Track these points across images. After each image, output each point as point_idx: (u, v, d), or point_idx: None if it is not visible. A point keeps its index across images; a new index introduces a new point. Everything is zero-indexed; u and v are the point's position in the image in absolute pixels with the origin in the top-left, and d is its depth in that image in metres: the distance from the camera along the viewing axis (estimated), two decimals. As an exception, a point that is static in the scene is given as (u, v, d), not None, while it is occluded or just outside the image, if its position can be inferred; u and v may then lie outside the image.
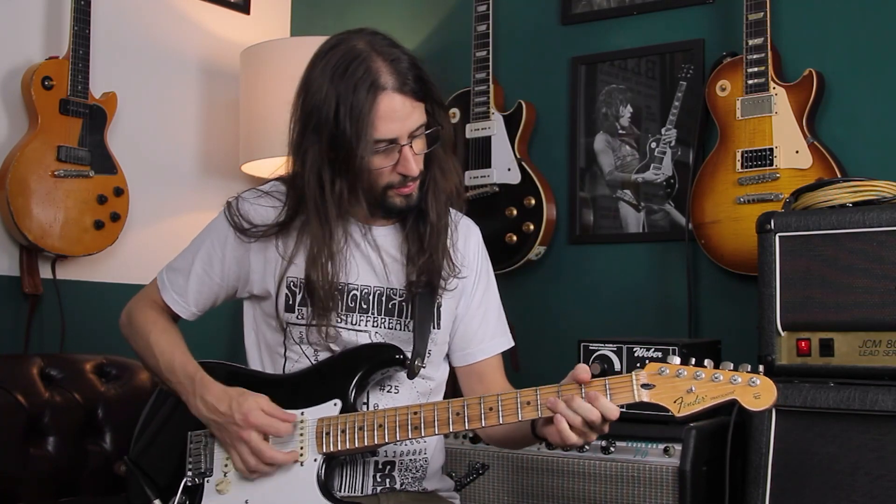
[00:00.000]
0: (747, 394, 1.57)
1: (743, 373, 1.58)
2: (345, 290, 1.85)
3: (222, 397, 1.77)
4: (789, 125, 2.66)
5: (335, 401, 1.77)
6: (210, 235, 1.93)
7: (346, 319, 1.85)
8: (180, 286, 1.93)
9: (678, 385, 1.59)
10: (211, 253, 1.92)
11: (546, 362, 3.07)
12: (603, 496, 2.36)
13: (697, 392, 1.58)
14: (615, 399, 1.61)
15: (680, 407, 1.59)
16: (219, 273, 1.92)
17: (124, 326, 1.99)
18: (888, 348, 2.12)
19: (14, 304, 2.91)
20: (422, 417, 1.70)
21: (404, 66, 1.77)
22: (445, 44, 3.43)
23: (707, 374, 1.59)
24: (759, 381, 1.57)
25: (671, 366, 1.60)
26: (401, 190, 1.80)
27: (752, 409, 1.58)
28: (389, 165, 1.78)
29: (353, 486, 1.83)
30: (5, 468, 2.42)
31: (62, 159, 2.86)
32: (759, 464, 2.19)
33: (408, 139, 1.76)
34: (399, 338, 1.87)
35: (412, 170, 1.77)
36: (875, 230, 2.15)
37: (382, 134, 1.74)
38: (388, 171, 1.78)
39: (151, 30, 3.32)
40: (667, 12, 3.04)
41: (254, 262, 1.88)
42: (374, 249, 1.87)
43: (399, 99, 1.75)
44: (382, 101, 1.73)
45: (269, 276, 1.86)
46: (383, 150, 1.76)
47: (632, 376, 1.62)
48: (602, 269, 3.11)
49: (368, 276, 1.87)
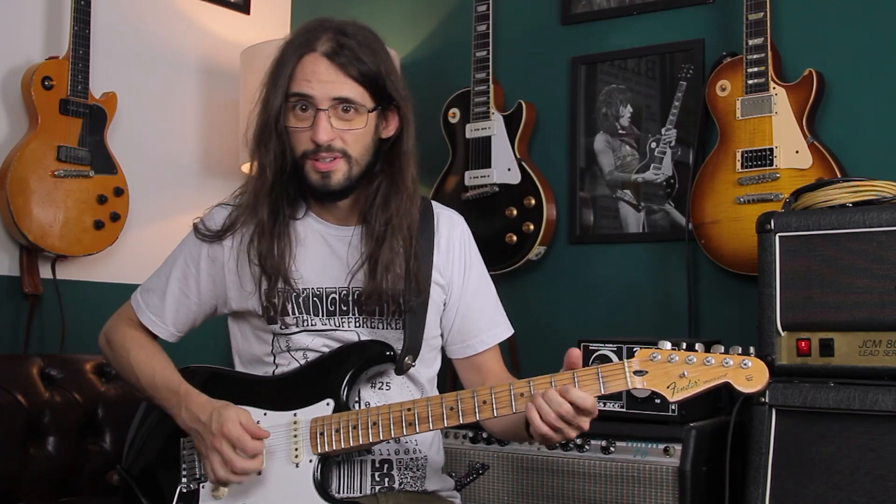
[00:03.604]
0: (739, 376, 1.58)
1: (734, 355, 1.59)
2: (323, 294, 1.85)
3: (205, 407, 1.77)
4: (789, 125, 2.66)
5: (328, 400, 1.77)
6: (182, 255, 1.93)
7: (329, 322, 1.85)
8: (156, 307, 1.93)
9: (670, 370, 1.59)
10: (186, 272, 1.92)
11: (546, 362, 3.04)
12: (603, 496, 2.36)
13: (690, 376, 1.59)
14: (608, 387, 1.61)
15: (673, 392, 1.59)
16: (195, 292, 1.92)
17: (104, 349, 1.99)
18: (888, 348, 2.12)
19: (14, 304, 2.91)
20: (415, 413, 1.70)
21: (344, 39, 1.78)
22: (445, 44, 3.43)
23: (699, 358, 1.59)
24: (751, 363, 1.58)
25: (662, 351, 1.61)
26: (316, 162, 1.78)
27: (745, 390, 1.58)
28: (304, 128, 1.77)
29: (352, 487, 1.82)
30: (5, 468, 2.42)
31: (62, 159, 2.86)
32: (759, 464, 2.19)
33: (327, 105, 1.76)
34: (387, 336, 1.86)
35: (319, 134, 1.75)
36: (875, 230, 2.15)
37: (297, 88, 1.76)
38: (304, 136, 1.78)
39: (151, 30, 3.32)
40: (667, 12, 3.04)
41: (229, 279, 1.89)
42: (344, 248, 1.86)
43: (325, 63, 1.76)
44: (307, 58, 1.77)
45: (245, 290, 1.86)
46: (299, 108, 1.77)
47: (623, 363, 1.61)
48: (602, 269, 3.11)
49: (344, 278, 1.85)
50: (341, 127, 1.78)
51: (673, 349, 1.61)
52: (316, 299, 1.84)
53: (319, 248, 1.88)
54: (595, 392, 1.62)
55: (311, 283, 1.85)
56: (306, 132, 1.77)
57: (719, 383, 1.58)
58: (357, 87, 1.78)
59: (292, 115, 1.79)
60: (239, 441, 1.71)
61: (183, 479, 1.81)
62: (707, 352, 1.60)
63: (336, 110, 1.77)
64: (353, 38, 1.79)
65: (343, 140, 1.78)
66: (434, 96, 3.27)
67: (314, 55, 1.77)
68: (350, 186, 1.82)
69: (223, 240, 1.89)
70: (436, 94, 3.27)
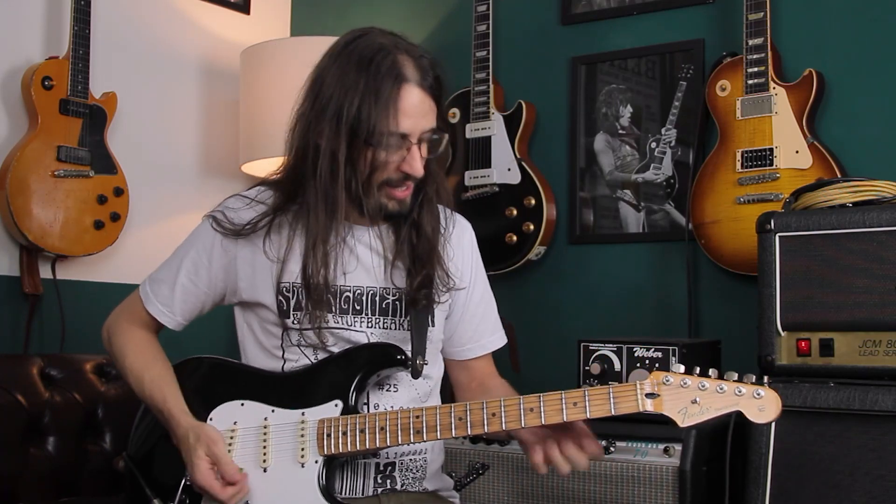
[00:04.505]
0: (752, 406, 1.57)
1: (748, 384, 1.57)
2: (338, 291, 1.84)
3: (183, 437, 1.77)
4: (789, 125, 2.66)
5: (336, 402, 1.77)
6: (195, 245, 1.92)
7: (342, 321, 1.84)
8: (165, 296, 1.92)
9: (682, 395, 1.58)
10: (197, 262, 1.91)
11: (546, 362, 3.07)
12: (603, 496, 2.36)
13: (702, 403, 1.58)
14: (619, 408, 1.61)
15: (684, 418, 1.58)
16: (205, 282, 1.91)
17: (105, 343, 1.99)
18: (888, 348, 2.12)
19: (14, 304, 2.91)
20: (423, 422, 1.70)
21: (426, 62, 1.78)
22: (445, 44, 3.43)
23: (711, 385, 1.58)
24: (764, 394, 1.57)
25: (676, 374, 1.60)
26: (396, 191, 1.78)
27: (756, 421, 1.57)
28: (396, 161, 1.76)
29: (354, 488, 1.82)
30: (5, 468, 2.42)
31: (62, 159, 2.86)
32: (759, 464, 2.19)
33: (418, 138, 1.76)
34: (395, 337, 1.86)
35: (418, 169, 1.76)
36: (875, 230, 2.15)
37: (401, 127, 1.73)
38: (392, 167, 1.76)
39: (151, 30, 3.32)
40: (667, 12, 3.04)
41: (241, 269, 1.88)
42: (365, 249, 1.87)
43: (419, 94, 1.75)
44: (405, 92, 1.73)
45: (259, 283, 1.85)
46: (395, 145, 1.75)
47: (636, 385, 1.61)
48: (602, 269, 3.11)
49: (361, 277, 1.86)
50: (427, 156, 1.79)
51: (686, 374, 1.60)
52: (330, 296, 1.83)
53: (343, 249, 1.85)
54: (606, 412, 1.62)
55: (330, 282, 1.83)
56: (395, 163, 1.76)
57: (731, 412, 1.58)
58: (436, 109, 1.79)
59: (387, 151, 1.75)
60: (211, 490, 1.72)
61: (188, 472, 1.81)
62: (721, 378, 1.59)
63: (424, 143, 1.78)
64: (440, 68, 1.81)
65: (426, 169, 1.80)
66: (434, 96, 3.26)
67: (411, 86, 1.74)
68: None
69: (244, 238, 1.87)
70: (436, 94, 3.27)
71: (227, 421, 1.80)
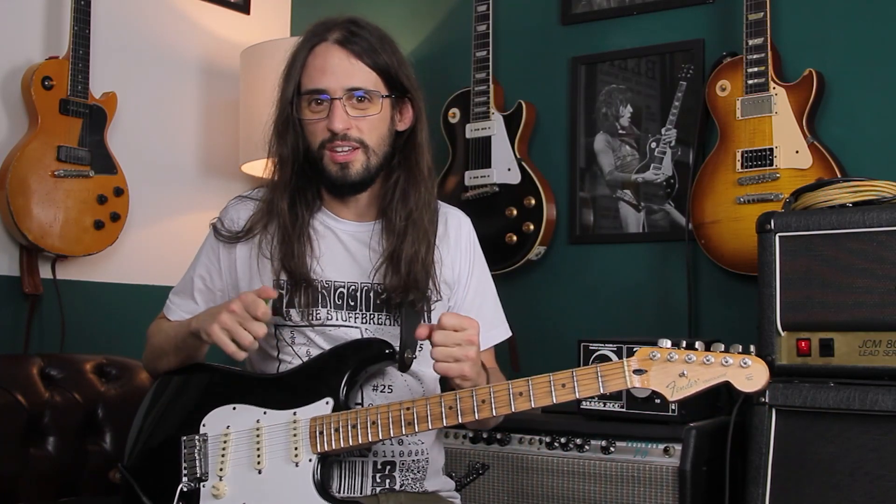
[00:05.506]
0: (739, 375, 1.57)
1: (734, 354, 1.58)
2: (331, 287, 1.85)
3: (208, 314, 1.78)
4: (789, 125, 2.66)
5: (327, 399, 1.76)
6: (204, 251, 1.98)
7: (336, 317, 1.85)
8: (185, 304, 1.97)
9: (670, 369, 1.59)
10: (209, 266, 1.95)
11: (546, 362, 3.05)
12: (603, 496, 2.36)
13: (689, 375, 1.58)
14: (608, 386, 1.61)
15: (673, 391, 1.59)
16: (219, 284, 1.95)
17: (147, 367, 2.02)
18: (888, 348, 2.12)
19: (14, 304, 2.91)
20: (414, 413, 1.69)
21: (362, 31, 1.81)
22: (445, 44, 3.43)
23: (698, 357, 1.59)
24: (751, 362, 1.57)
25: (662, 349, 1.60)
26: (333, 153, 1.80)
27: (744, 389, 1.57)
28: (320, 119, 1.79)
29: (353, 487, 1.82)
30: (5, 468, 2.42)
31: (62, 159, 2.86)
32: (759, 464, 2.20)
33: (341, 95, 1.78)
34: (389, 333, 1.86)
35: (335, 122, 1.77)
36: (875, 230, 2.15)
37: (314, 82, 1.78)
38: (320, 126, 1.80)
39: (151, 30, 3.31)
40: (667, 12, 3.04)
41: (241, 270, 1.91)
42: (358, 245, 1.88)
43: (338, 51, 1.79)
44: (319, 48, 1.80)
45: (255, 283, 1.87)
46: (314, 102, 1.79)
47: (623, 362, 1.61)
48: (602, 269, 3.11)
49: (353, 273, 1.87)
50: (356, 115, 1.79)
51: (672, 348, 1.60)
52: (324, 293, 1.84)
53: (331, 244, 1.89)
54: (595, 391, 1.63)
55: (321, 277, 1.86)
56: (322, 122, 1.79)
57: (719, 382, 1.58)
58: (371, 74, 1.80)
59: (307, 109, 1.81)
60: (250, 304, 1.68)
61: (184, 478, 1.81)
62: (707, 350, 1.60)
63: (351, 100, 1.79)
64: (366, 29, 1.82)
65: (359, 129, 1.80)
66: (434, 96, 3.25)
67: (326, 44, 1.80)
68: (369, 178, 1.84)
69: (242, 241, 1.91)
70: (436, 94, 3.27)
71: (219, 426, 1.80)
